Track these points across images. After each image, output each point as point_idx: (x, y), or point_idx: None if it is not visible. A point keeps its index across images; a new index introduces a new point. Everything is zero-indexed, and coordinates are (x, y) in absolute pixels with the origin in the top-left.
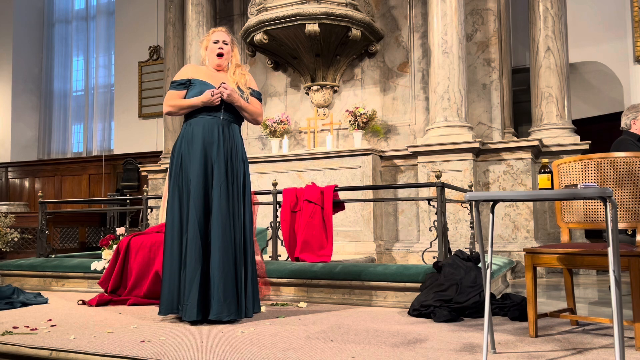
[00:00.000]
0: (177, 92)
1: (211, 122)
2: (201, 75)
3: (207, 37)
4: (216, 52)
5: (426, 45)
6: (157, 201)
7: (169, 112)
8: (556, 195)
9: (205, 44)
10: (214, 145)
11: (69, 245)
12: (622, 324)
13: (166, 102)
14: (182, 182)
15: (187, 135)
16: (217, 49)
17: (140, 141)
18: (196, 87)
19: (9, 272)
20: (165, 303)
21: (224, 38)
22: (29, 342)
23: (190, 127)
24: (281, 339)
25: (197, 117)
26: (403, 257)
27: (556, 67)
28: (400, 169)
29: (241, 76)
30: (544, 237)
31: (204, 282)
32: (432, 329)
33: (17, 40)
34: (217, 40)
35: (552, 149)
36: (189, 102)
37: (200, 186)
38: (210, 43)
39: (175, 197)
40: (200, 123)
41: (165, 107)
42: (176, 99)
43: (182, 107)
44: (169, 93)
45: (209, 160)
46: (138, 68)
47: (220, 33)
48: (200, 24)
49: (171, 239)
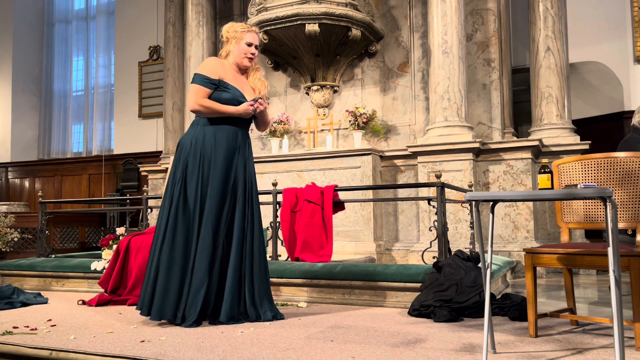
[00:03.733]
0: (206, 90)
1: (235, 130)
2: (228, 76)
3: (240, 33)
4: (248, 55)
5: (426, 45)
6: (157, 201)
7: (198, 111)
8: (556, 195)
9: (237, 39)
10: (236, 153)
11: (69, 245)
12: (622, 324)
13: (196, 100)
14: (198, 186)
15: (209, 139)
16: (250, 53)
17: (140, 141)
18: (229, 92)
19: (9, 272)
20: (157, 308)
21: (257, 42)
22: (29, 342)
23: (213, 131)
24: (281, 339)
25: (222, 124)
26: (403, 257)
27: (556, 67)
28: (400, 169)
29: (262, 84)
30: (544, 237)
31: (210, 291)
32: (432, 329)
33: (17, 40)
34: (251, 43)
35: (552, 149)
36: (224, 109)
37: (219, 195)
38: (243, 42)
39: (180, 198)
40: (224, 130)
41: (193, 104)
42: (206, 98)
43: (215, 111)
44: (197, 88)
45: (232, 168)
46: (138, 68)
47: (255, 36)
48: (200, 24)
49: (171, 241)
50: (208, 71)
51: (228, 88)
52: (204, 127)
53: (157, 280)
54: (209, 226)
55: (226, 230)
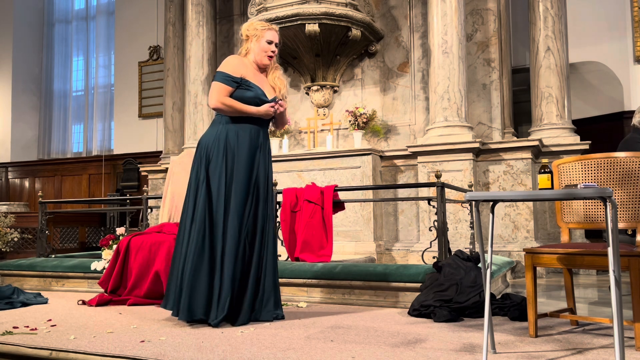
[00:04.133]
0: (228, 89)
1: (257, 130)
2: (249, 75)
3: (260, 31)
4: (269, 53)
5: (426, 45)
6: (157, 201)
7: (220, 109)
8: (556, 195)
9: (257, 37)
10: (258, 152)
11: (69, 245)
12: (622, 324)
13: (218, 98)
14: (222, 185)
15: (232, 137)
16: (270, 51)
17: (140, 141)
18: (252, 91)
19: (9, 272)
20: (186, 307)
21: (277, 40)
22: (29, 342)
23: (235, 129)
24: (281, 339)
25: (244, 122)
26: (403, 257)
27: (556, 67)
28: (400, 169)
29: (281, 83)
30: (544, 237)
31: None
32: (432, 329)
33: (17, 40)
34: (271, 41)
35: (552, 149)
36: (245, 109)
37: (243, 194)
38: (263, 40)
39: (205, 198)
40: (247, 129)
41: (216, 102)
42: (227, 97)
43: (236, 110)
44: (219, 86)
45: (255, 167)
46: (138, 68)
47: (276, 34)
48: (200, 24)
49: (200, 241)
50: (230, 69)
51: (250, 86)
52: (226, 125)
53: (185, 280)
54: (235, 226)
55: (248, 231)
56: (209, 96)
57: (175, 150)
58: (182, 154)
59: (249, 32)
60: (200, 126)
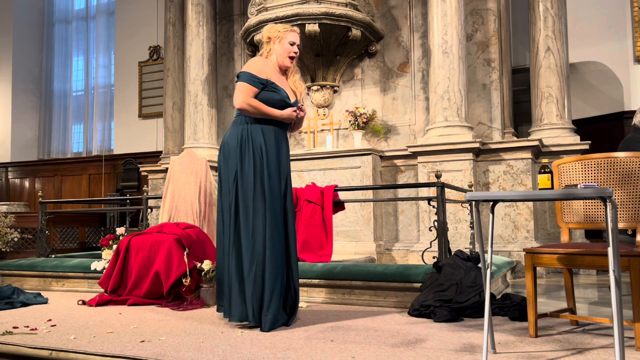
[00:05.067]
0: (253, 90)
1: (280, 132)
2: (273, 77)
3: (282, 32)
4: (291, 54)
5: (426, 45)
6: (157, 201)
7: (245, 110)
8: (556, 196)
9: (280, 38)
10: (283, 152)
11: (69, 245)
12: (622, 324)
13: (244, 99)
14: (256, 185)
15: (258, 137)
16: (293, 52)
17: (140, 141)
18: (278, 94)
19: (9, 272)
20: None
21: (299, 42)
22: (29, 342)
23: (260, 129)
24: (281, 339)
25: (267, 124)
26: (403, 257)
27: (556, 67)
28: (400, 169)
29: (301, 87)
30: (544, 237)
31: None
32: (432, 329)
33: (17, 40)
34: (294, 43)
35: (552, 149)
36: (270, 112)
37: (279, 192)
38: (286, 41)
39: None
40: (271, 130)
41: (241, 103)
42: (252, 97)
43: (261, 112)
44: (245, 87)
45: (282, 167)
46: (138, 68)
47: (297, 35)
48: (200, 24)
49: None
50: (256, 70)
51: (277, 89)
52: (250, 124)
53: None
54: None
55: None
56: (234, 96)
57: (175, 150)
58: (182, 154)
59: (271, 34)
60: (200, 126)
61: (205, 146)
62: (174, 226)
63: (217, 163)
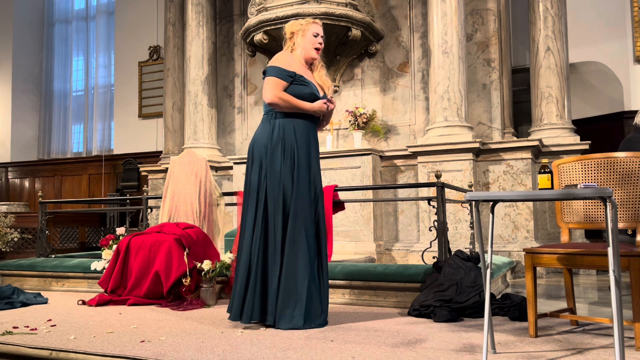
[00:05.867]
0: (283, 83)
1: (310, 126)
2: (300, 71)
3: (305, 25)
4: (316, 45)
5: (426, 45)
6: (157, 201)
7: (275, 104)
8: (556, 196)
9: (303, 31)
10: (313, 147)
11: (69, 245)
12: (622, 324)
13: (275, 93)
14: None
15: (289, 133)
16: (317, 44)
17: (140, 141)
18: (308, 87)
19: (9, 272)
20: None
21: (322, 33)
22: (29, 342)
23: (292, 124)
24: (281, 339)
25: (298, 118)
26: (403, 257)
27: (556, 67)
28: (400, 169)
29: (328, 81)
30: (544, 237)
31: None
32: (432, 329)
33: (17, 40)
34: (317, 34)
35: (552, 149)
36: (301, 105)
37: (308, 187)
38: (309, 33)
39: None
40: (302, 124)
41: (271, 97)
42: (282, 91)
43: (292, 106)
44: (275, 81)
45: (312, 164)
46: (138, 68)
47: (319, 27)
48: (200, 24)
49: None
50: (283, 63)
51: (306, 82)
52: (280, 120)
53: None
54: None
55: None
56: (264, 91)
57: (175, 150)
58: (182, 153)
59: (293, 29)
60: (200, 126)
61: (205, 146)
62: (174, 226)
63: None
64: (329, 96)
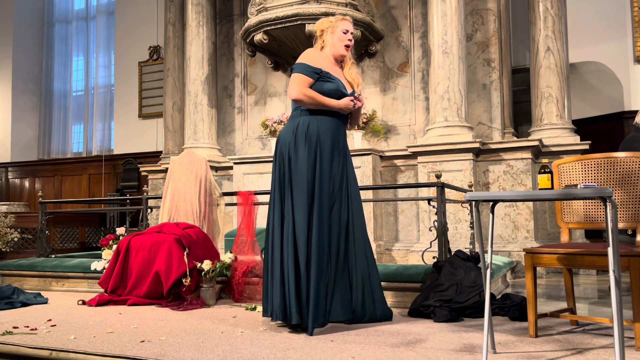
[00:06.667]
0: (308, 80)
1: (337, 123)
2: (328, 67)
3: (334, 22)
4: (345, 42)
5: (426, 45)
6: (157, 201)
7: (300, 100)
8: (556, 196)
9: (332, 28)
10: (339, 146)
11: (69, 245)
12: (622, 324)
13: (299, 90)
14: (308, 180)
15: (313, 129)
16: (347, 40)
17: (140, 141)
18: (333, 83)
19: (9, 272)
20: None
21: (352, 30)
22: (29, 342)
23: (316, 122)
24: (281, 339)
25: (325, 115)
26: (403, 257)
27: (556, 67)
28: (400, 169)
29: (358, 78)
30: (544, 237)
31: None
32: (432, 329)
33: (17, 40)
34: (347, 31)
35: (552, 149)
36: (326, 101)
37: (329, 186)
38: (339, 30)
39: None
40: (328, 122)
41: (296, 93)
42: (308, 88)
43: (317, 102)
44: (300, 77)
45: (335, 159)
46: (138, 68)
47: (350, 24)
48: (200, 24)
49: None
50: (310, 60)
51: (331, 78)
52: (306, 117)
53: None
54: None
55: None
56: (289, 88)
57: (175, 150)
58: (182, 153)
59: (323, 26)
60: (200, 126)
61: (205, 146)
62: (174, 226)
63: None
64: (358, 93)
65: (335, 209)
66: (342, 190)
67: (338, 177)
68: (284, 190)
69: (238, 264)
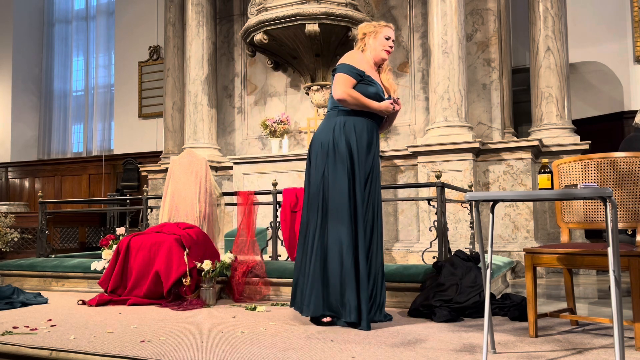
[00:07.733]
0: (352, 81)
1: (372, 125)
2: (369, 71)
3: (378, 27)
4: (386, 48)
5: (426, 45)
6: (157, 201)
7: (344, 100)
8: (556, 196)
9: (375, 33)
10: (374, 147)
11: (69, 245)
12: (622, 324)
13: (344, 89)
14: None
15: (349, 129)
16: (388, 47)
17: (140, 141)
18: (374, 86)
19: (9, 272)
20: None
21: (394, 37)
22: (29, 342)
23: (353, 122)
24: (281, 339)
25: (362, 116)
26: (403, 257)
27: (556, 67)
28: (400, 169)
29: (394, 84)
30: (544, 237)
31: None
32: (432, 329)
33: (17, 40)
34: (389, 37)
35: (552, 149)
36: (368, 103)
37: (363, 184)
38: (381, 36)
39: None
40: (364, 123)
41: (342, 93)
42: (352, 89)
43: (360, 103)
44: (345, 78)
45: (369, 160)
46: (138, 68)
47: (392, 31)
48: (200, 24)
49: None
50: (354, 62)
51: (373, 82)
52: (343, 117)
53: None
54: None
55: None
56: (333, 87)
57: (175, 150)
58: (182, 153)
59: (366, 30)
60: (200, 126)
61: (205, 146)
62: (174, 226)
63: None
64: (395, 98)
65: (367, 209)
66: (370, 189)
67: (369, 175)
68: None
69: (238, 264)
